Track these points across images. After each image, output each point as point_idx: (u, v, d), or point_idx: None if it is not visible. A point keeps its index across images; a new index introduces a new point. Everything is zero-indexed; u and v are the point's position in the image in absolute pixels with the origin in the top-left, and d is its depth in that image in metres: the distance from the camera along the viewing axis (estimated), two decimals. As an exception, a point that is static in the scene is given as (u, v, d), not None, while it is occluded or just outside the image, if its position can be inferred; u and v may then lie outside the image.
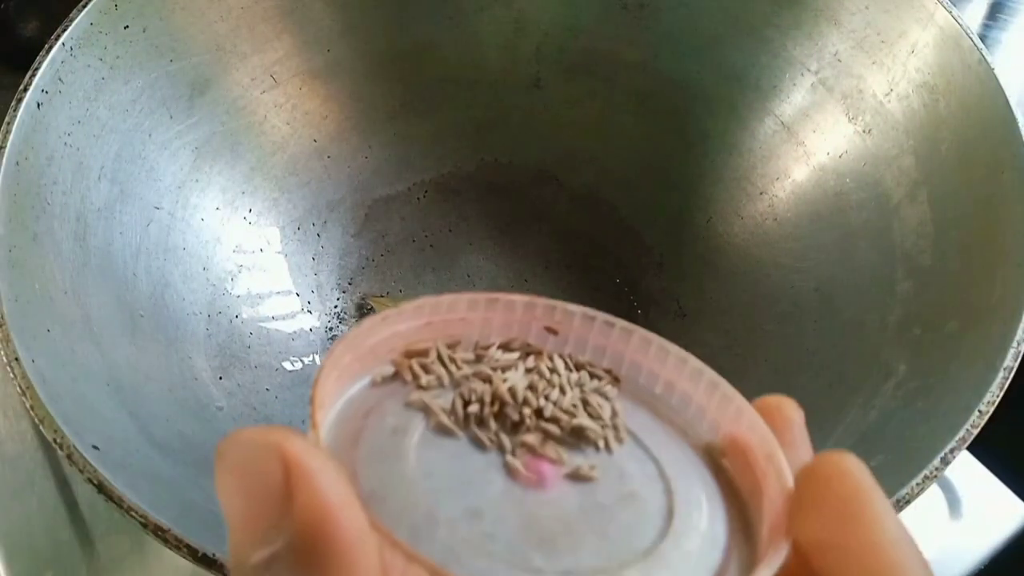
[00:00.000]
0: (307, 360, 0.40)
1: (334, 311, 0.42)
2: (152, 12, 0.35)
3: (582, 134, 0.45)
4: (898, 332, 0.33)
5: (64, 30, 0.32)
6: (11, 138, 0.29)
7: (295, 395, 0.38)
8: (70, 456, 0.24)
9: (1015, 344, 0.28)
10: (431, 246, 0.45)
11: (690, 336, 0.42)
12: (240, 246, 0.39)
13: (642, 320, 0.43)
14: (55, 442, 0.24)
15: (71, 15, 0.32)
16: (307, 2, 0.40)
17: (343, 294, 0.43)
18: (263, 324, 0.39)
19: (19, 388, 0.25)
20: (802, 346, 0.37)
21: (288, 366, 0.39)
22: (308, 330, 0.41)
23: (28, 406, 0.25)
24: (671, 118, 0.43)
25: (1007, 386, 0.27)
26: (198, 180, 0.38)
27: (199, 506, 0.27)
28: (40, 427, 0.24)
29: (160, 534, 0.23)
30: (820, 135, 0.40)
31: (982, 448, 0.38)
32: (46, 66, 0.31)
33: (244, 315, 0.38)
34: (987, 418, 0.27)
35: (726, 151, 0.42)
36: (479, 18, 0.43)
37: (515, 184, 0.46)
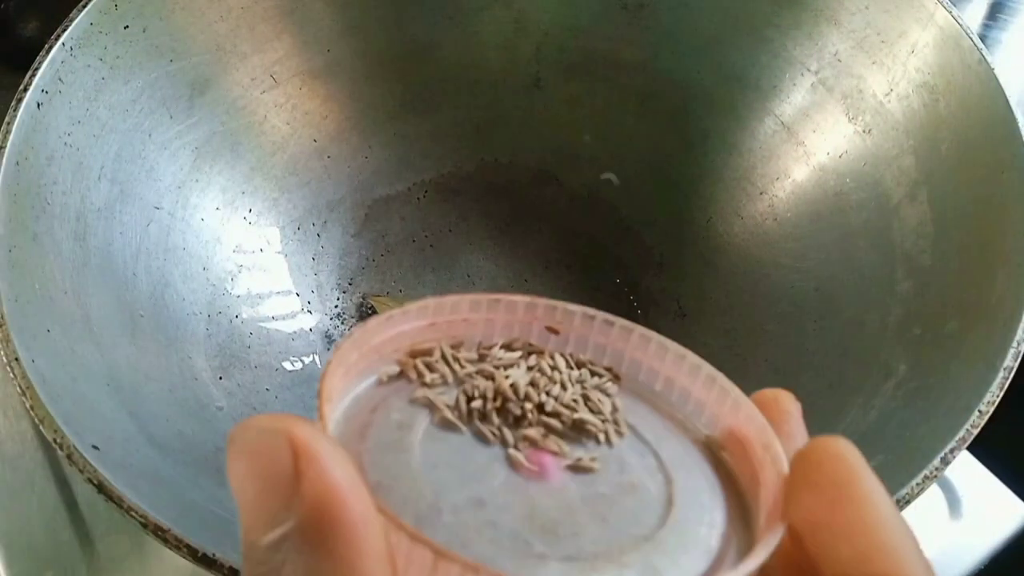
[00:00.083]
0: (307, 360, 0.40)
1: (334, 311, 0.42)
2: (152, 12, 0.35)
3: (582, 134, 0.45)
4: (898, 332, 0.33)
5: (64, 30, 0.32)
6: (11, 138, 0.29)
7: (295, 395, 0.38)
8: (70, 456, 0.24)
9: (1015, 344, 0.28)
10: (431, 246, 0.45)
11: (690, 336, 0.42)
12: (240, 246, 0.39)
13: (642, 320, 0.43)
14: (55, 442, 0.24)
15: (71, 15, 0.32)
16: (307, 2, 0.40)
17: (343, 294, 0.43)
18: (263, 324, 0.39)
19: (19, 388, 0.25)
20: (802, 346, 0.37)
21: (288, 366, 0.39)
22: (308, 330, 0.41)
23: (28, 406, 0.25)
24: (671, 118, 0.43)
25: (1007, 386, 0.27)
26: (198, 180, 0.38)
27: (199, 506, 0.27)
28: (40, 427, 0.24)
29: (160, 534, 0.23)
30: (820, 135, 0.40)
31: (982, 448, 0.38)
32: (46, 66, 0.31)
33: (244, 315, 0.38)
34: (987, 418, 0.27)
35: (726, 151, 0.42)
36: (479, 18, 0.43)
37: (515, 184, 0.46)
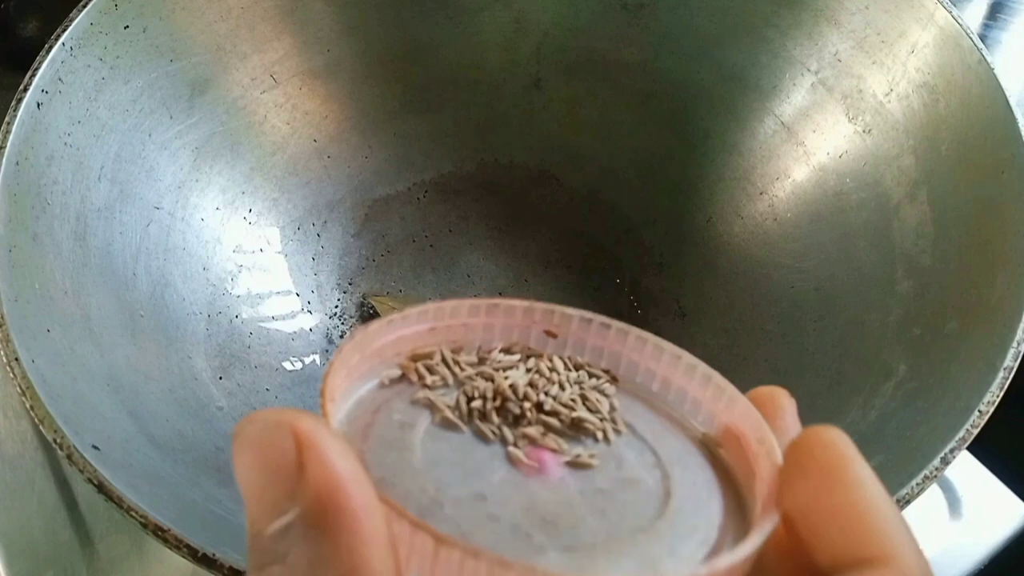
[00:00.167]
0: (307, 360, 0.40)
1: (334, 311, 0.42)
2: (152, 12, 0.35)
3: (582, 134, 0.45)
4: (898, 332, 0.33)
5: (64, 30, 0.32)
6: (11, 138, 0.29)
7: (295, 395, 0.38)
8: (70, 456, 0.24)
9: (1015, 344, 0.28)
10: (431, 246, 0.45)
11: (690, 336, 0.42)
12: (240, 246, 0.39)
13: (642, 320, 0.43)
14: (55, 442, 0.24)
15: (71, 15, 0.32)
16: (307, 2, 0.40)
17: (343, 294, 0.43)
18: (263, 324, 0.39)
19: (19, 388, 0.25)
20: (802, 346, 0.37)
21: (288, 366, 0.39)
22: (308, 330, 0.41)
23: (28, 406, 0.25)
24: (671, 118, 0.43)
25: (1007, 386, 0.27)
26: (198, 180, 0.38)
27: (199, 506, 0.27)
28: (40, 427, 0.24)
29: (160, 534, 0.23)
30: (820, 135, 0.40)
31: (982, 448, 0.38)
32: (46, 66, 0.31)
33: (244, 315, 0.38)
34: (987, 418, 0.27)
35: (726, 151, 0.42)
36: (479, 18, 0.43)
37: (515, 184, 0.46)
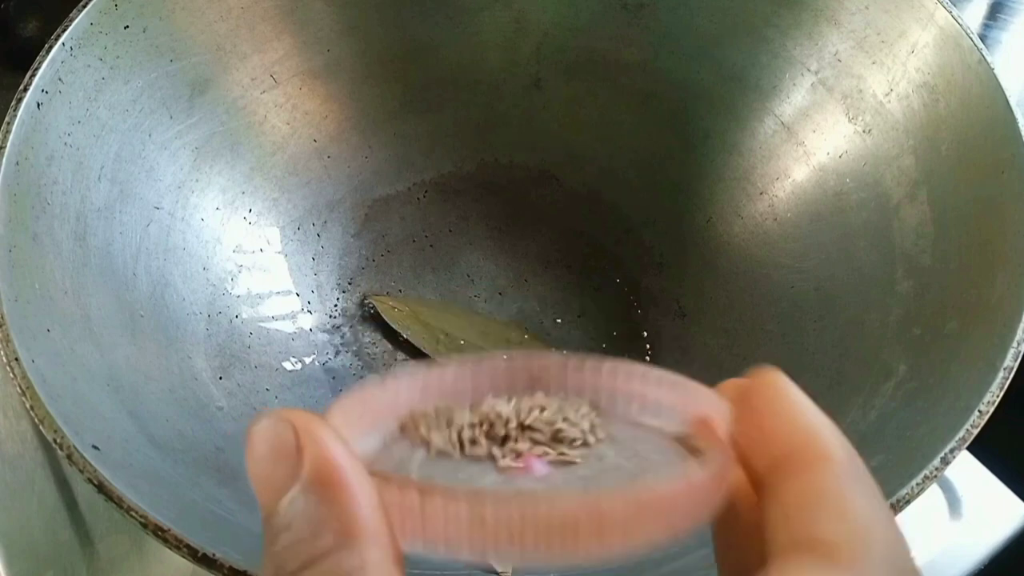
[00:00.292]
0: (307, 360, 0.40)
1: (334, 311, 0.42)
2: (152, 12, 0.35)
3: (582, 134, 0.45)
4: (898, 332, 0.33)
5: (64, 30, 0.32)
6: (11, 138, 0.29)
7: (295, 395, 0.38)
8: (70, 456, 0.24)
9: (1015, 344, 0.28)
10: (431, 246, 0.45)
11: (690, 336, 0.42)
12: (240, 246, 0.39)
13: (642, 320, 0.43)
14: (55, 442, 0.24)
15: (71, 15, 0.32)
16: (307, 2, 0.40)
17: (343, 294, 0.43)
18: (263, 324, 0.39)
19: (19, 388, 0.25)
20: (802, 346, 0.37)
21: (288, 366, 0.39)
22: (308, 330, 0.41)
23: (28, 406, 0.25)
24: (671, 118, 0.43)
25: (1007, 386, 0.27)
26: (198, 180, 0.38)
27: (199, 506, 0.27)
28: (40, 427, 0.24)
29: (160, 534, 0.23)
30: (820, 135, 0.39)
31: (982, 448, 0.38)
32: (46, 66, 0.31)
33: (244, 315, 0.38)
34: (987, 418, 0.27)
35: (726, 151, 0.42)
36: (479, 18, 0.43)
37: (515, 184, 0.46)
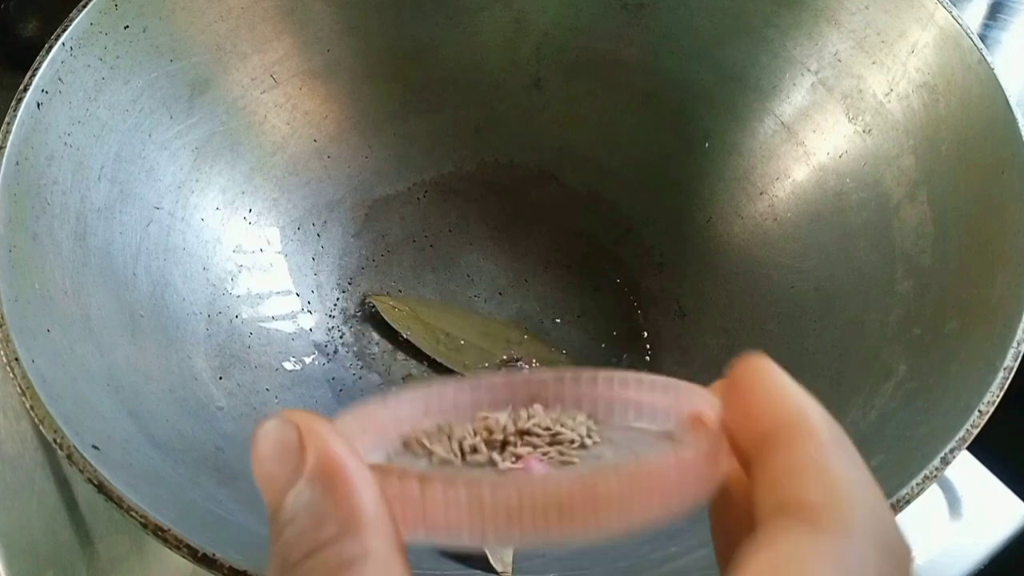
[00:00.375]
0: (307, 360, 0.40)
1: (334, 311, 0.42)
2: (152, 12, 0.35)
3: (582, 134, 0.45)
4: (898, 332, 0.33)
5: (64, 30, 0.32)
6: (11, 138, 0.29)
7: (295, 395, 0.38)
8: (70, 456, 0.24)
9: (1015, 344, 0.28)
10: (431, 246, 0.45)
11: (690, 336, 0.42)
12: (240, 246, 0.39)
13: (642, 320, 0.43)
14: (55, 442, 0.24)
15: (71, 15, 0.32)
16: (307, 2, 0.40)
17: (343, 294, 0.43)
18: (263, 324, 0.39)
19: (19, 388, 0.25)
20: (802, 346, 0.37)
21: (288, 366, 0.39)
22: (308, 330, 0.41)
23: (28, 406, 0.25)
24: (671, 118, 0.43)
25: (1007, 386, 0.27)
26: (198, 180, 0.38)
27: (199, 506, 0.27)
28: (40, 427, 0.24)
29: (160, 534, 0.23)
30: (820, 135, 0.39)
31: (982, 448, 0.38)
32: (46, 66, 0.31)
33: (244, 315, 0.38)
34: (987, 418, 0.27)
35: (726, 151, 0.42)
36: (479, 18, 0.43)
37: (515, 184, 0.46)
